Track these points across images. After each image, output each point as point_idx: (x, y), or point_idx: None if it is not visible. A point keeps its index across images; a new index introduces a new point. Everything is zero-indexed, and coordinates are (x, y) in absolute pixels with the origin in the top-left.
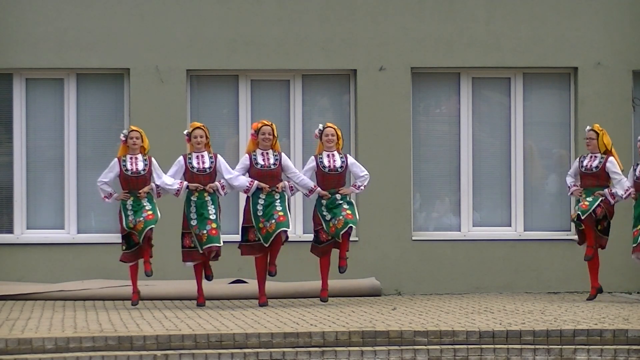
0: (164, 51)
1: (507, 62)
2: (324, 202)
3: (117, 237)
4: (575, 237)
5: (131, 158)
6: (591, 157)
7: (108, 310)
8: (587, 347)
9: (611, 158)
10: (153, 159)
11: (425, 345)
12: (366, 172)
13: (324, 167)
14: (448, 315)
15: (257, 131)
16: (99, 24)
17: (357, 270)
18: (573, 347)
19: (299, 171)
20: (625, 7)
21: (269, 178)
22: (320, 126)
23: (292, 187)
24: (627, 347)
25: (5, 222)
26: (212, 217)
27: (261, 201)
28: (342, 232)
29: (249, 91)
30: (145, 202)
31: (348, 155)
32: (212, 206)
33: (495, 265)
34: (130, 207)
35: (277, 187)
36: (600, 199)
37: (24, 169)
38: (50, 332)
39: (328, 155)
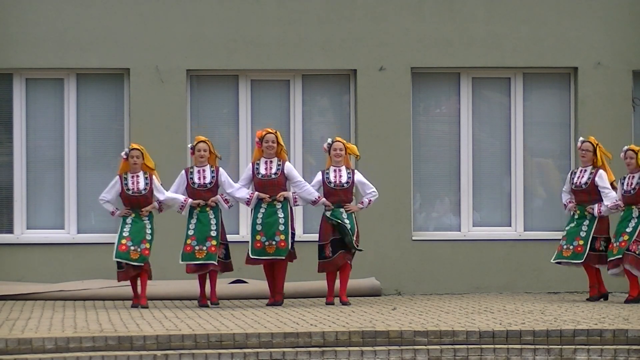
0: (164, 51)
1: (507, 62)
2: (327, 214)
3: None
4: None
5: (132, 177)
6: (581, 171)
7: (108, 310)
8: (587, 347)
9: (600, 172)
10: (154, 177)
11: (425, 345)
12: (374, 190)
13: (330, 182)
14: (448, 315)
15: (261, 139)
16: (99, 24)
17: (357, 270)
18: (573, 347)
19: (305, 181)
20: (625, 7)
21: (270, 187)
22: (329, 140)
23: (295, 198)
24: (627, 347)
25: (5, 222)
26: (214, 233)
27: (262, 210)
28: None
29: (249, 91)
30: (146, 221)
31: (356, 171)
32: (215, 221)
33: (495, 265)
34: (130, 222)
35: (277, 197)
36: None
37: (24, 169)
38: (50, 332)
39: (335, 171)
